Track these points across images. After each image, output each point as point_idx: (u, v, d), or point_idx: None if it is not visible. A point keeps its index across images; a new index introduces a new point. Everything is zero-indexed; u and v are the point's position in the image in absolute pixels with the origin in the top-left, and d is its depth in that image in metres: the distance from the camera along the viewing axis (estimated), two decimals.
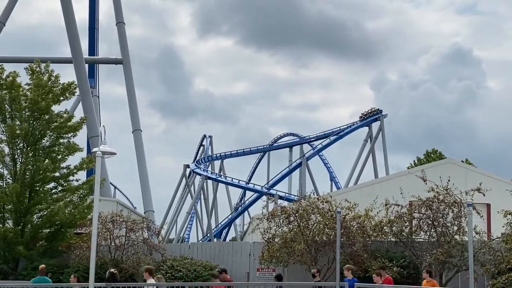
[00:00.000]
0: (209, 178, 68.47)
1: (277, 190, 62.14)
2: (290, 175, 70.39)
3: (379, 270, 19.56)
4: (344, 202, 25.52)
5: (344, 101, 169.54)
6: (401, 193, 25.54)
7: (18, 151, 27.10)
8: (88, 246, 23.99)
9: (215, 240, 63.69)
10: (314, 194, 28.62)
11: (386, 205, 25.27)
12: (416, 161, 64.13)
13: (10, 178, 27.07)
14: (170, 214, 71.51)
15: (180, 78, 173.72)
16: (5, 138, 27.15)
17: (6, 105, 27.18)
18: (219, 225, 72.75)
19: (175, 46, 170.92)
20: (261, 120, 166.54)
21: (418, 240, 24.87)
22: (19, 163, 27.03)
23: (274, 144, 75.87)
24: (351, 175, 67.70)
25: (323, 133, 69.75)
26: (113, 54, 59.58)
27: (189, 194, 72.14)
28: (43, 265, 20.92)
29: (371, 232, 25.23)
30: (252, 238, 29.56)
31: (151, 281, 18.43)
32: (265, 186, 66.15)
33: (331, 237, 24.25)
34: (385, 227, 25.13)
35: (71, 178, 28.20)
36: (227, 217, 73.49)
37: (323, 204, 25.75)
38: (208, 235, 67.98)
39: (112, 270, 19.17)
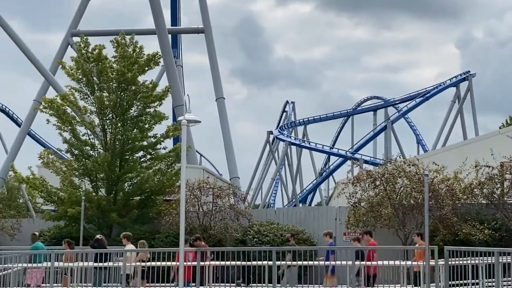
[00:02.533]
0: (293, 144, 68.47)
1: (362, 155, 61.43)
2: (375, 139, 69.36)
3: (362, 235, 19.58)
4: (431, 165, 24.97)
5: (428, 62, 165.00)
6: (492, 154, 24.75)
7: (108, 121, 27.94)
8: (177, 212, 24.60)
9: (300, 205, 63.92)
10: (400, 158, 28.16)
11: (476, 166, 24.60)
12: (508, 121, 61.68)
13: (101, 148, 27.99)
14: (255, 180, 72.12)
15: (260, 45, 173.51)
16: (95, 109, 28.03)
17: (94, 77, 28.00)
18: (304, 191, 72.86)
19: (254, 13, 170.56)
20: (342, 84, 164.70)
21: (510, 202, 24.11)
22: (109, 133, 27.88)
23: (358, 108, 74.88)
24: (438, 137, 66.03)
25: (408, 95, 68.17)
26: (194, 23, 59.98)
27: (273, 160, 72.45)
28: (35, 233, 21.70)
29: (460, 194, 24.65)
30: (338, 202, 29.48)
31: (130, 246, 19.05)
32: (350, 150, 65.55)
33: (419, 201, 23.85)
34: (475, 189, 24.48)
35: (158, 146, 28.92)
36: (312, 182, 73.44)
37: (409, 168, 25.30)
38: (293, 200, 68.26)
39: (98, 236, 20.05)
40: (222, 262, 18.86)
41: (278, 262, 17.48)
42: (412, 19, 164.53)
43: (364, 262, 17.49)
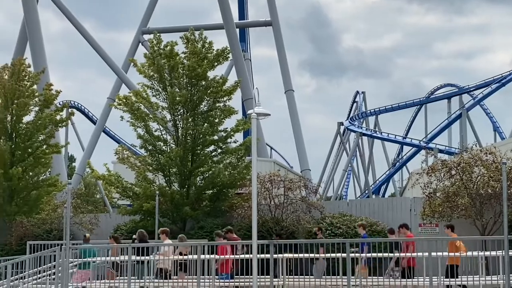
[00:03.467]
0: (364, 134, 67.64)
1: (436, 144, 60.10)
2: (449, 127, 67.73)
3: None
4: (509, 152, 24.14)
5: (502, 47, 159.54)
6: None
7: (179, 117, 28.34)
8: (249, 205, 24.73)
9: (373, 196, 63.17)
10: (476, 146, 27.36)
11: None
12: None
13: (173, 143, 28.43)
14: (327, 172, 71.70)
15: (328, 36, 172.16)
16: (167, 105, 28.47)
17: (166, 74, 28.42)
18: (377, 182, 71.92)
19: (321, 4, 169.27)
20: (414, 72, 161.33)
21: None
22: (180, 128, 28.28)
23: (431, 96, 73.25)
24: None
25: (483, 81, 66.12)
26: (261, 17, 60.06)
27: (344, 152, 71.84)
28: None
29: None
30: (412, 193, 28.94)
31: (168, 241, 19.12)
32: (423, 140, 64.26)
33: (497, 190, 23.12)
34: None
35: (228, 140, 29.14)
36: (385, 173, 72.39)
37: (486, 156, 24.56)
38: (366, 191, 67.50)
39: (139, 230, 20.29)
40: (295, 255, 18.79)
41: (352, 255, 17.24)
42: (484, 3, 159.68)
43: (392, 254, 17.24)
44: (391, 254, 17.25)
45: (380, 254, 17.08)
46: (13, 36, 51.92)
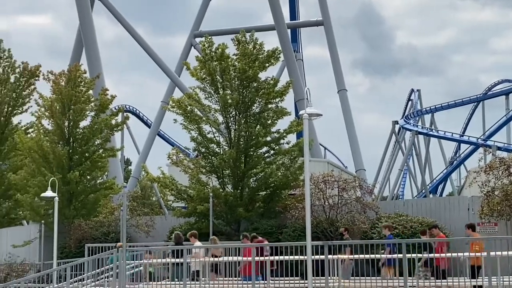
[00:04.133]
0: (420, 133, 66.54)
1: (494, 141, 58.68)
2: (508, 124, 66.09)
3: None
4: None
5: None
6: None
7: (231, 119, 28.43)
8: (302, 206, 24.58)
9: (430, 196, 62.09)
10: None
11: None
12: None
13: (226, 145, 28.54)
14: (382, 172, 70.82)
15: (381, 34, 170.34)
16: (219, 107, 28.61)
17: (217, 76, 28.56)
18: (434, 181, 70.70)
19: (372, 2, 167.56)
20: (470, 69, 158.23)
21: None
22: (233, 130, 28.37)
23: (488, 93, 71.58)
24: None
25: None
26: (313, 16, 59.83)
27: (399, 151, 70.86)
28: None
29: None
30: (470, 192, 28.27)
31: (197, 244, 19.12)
32: (481, 137, 62.82)
33: None
34: None
35: (281, 141, 29.08)
36: (442, 171, 71.13)
37: None
38: (423, 191, 66.40)
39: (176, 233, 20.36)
40: (345, 256, 18.62)
41: (408, 255, 16.95)
42: None
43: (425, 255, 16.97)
44: (418, 255, 16.99)
45: (408, 255, 16.84)
46: (69, 43, 53.14)
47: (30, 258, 30.28)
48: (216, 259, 18.73)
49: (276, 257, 18.82)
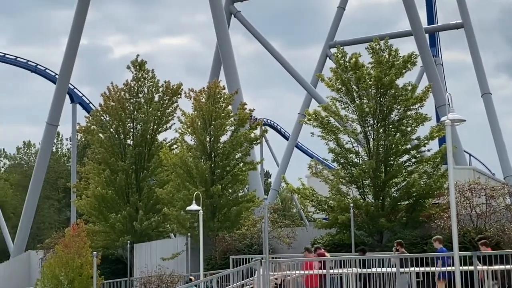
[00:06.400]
0: None
1: None
2: None
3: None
4: None
5: None
6: None
7: (369, 128, 28.05)
8: (448, 215, 23.71)
9: None
10: None
11: None
12: None
13: (365, 155, 28.17)
14: None
15: None
16: (356, 117, 28.33)
17: (353, 86, 28.33)
18: None
19: None
20: None
21: None
22: (371, 140, 27.97)
23: None
24: None
25: None
26: (451, 19, 57.98)
27: None
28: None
29: None
30: None
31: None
32: None
33: None
34: None
35: (422, 149, 28.28)
36: None
37: None
38: None
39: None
40: (501, 267, 17.63)
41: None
42: None
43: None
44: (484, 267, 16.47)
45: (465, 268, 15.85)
46: (208, 61, 55.01)
47: (178, 269, 31.43)
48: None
49: (422, 269, 18.28)
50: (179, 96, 38.14)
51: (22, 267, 46.43)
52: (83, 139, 65.58)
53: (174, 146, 37.24)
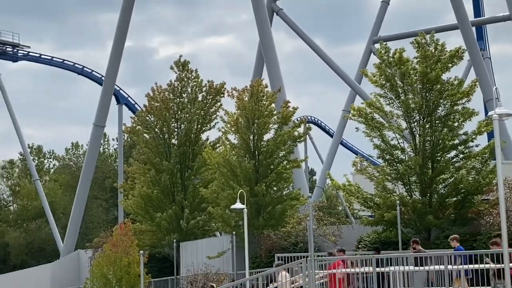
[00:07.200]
0: None
1: None
2: None
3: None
4: None
5: None
6: None
7: (415, 123, 27.65)
8: (497, 212, 23.25)
9: None
10: None
11: None
12: None
13: (411, 151, 27.78)
14: None
15: None
16: (401, 113, 27.95)
17: (397, 81, 27.95)
18: None
19: None
20: None
21: None
22: (417, 135, 27.56)
23: None
24: None
25: None
26: (499, 12, 56.73)
27: None
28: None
29: None
30: None
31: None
32: None
33: None
34: None
35: (470, 144, 27.74)
36: None
37: None
38: None
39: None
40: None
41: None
42: None
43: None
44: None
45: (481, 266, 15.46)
46: (251, 60, 55.06)
47: (224, 268, 31.54)
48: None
49: (471, 266, 17.98)
50: (222, 95, 38.26)
51: (72, 266, 47.26)
52: (129, 140, 66.48)
53: (218, 145, 37.39)
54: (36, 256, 69.00)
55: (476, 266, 16.47)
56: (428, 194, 27.11)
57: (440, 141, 27.12)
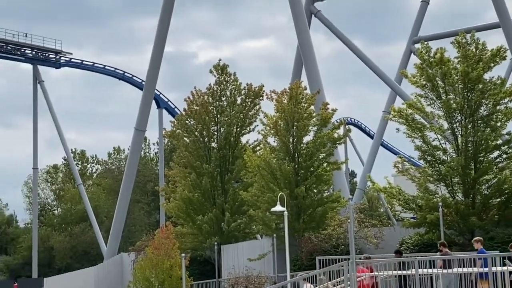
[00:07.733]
0: None
1: None
2: None
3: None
4: None
5: None
6: None
7: (457, 124, 27.32)
8: None
9: None
10: None
11: None
12: None
13: (453, 152, 27.44)
14: None
15: None
16: (443, 113, 27.64)
17: (438, 81, 27.64)
18: None
19: None
20: None
21: None
22: (459, 136, 27.22)
23: None
24: None
25: None
26: None
27: None
28: None
29: None
30: None
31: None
32: None
33: None
34: None
35: None
36: None
37: None
38: None
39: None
40: None
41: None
42: None
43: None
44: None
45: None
46: (289, 62, 54.96)
47: (265, 270, 31.57)
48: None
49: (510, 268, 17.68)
50: (261, 98, 38.32)
51: (115, 269, 47.83)
52: (169, 143, 67.04)
53: (258, 148, 37.44)
54: (80, 259, 70.04)
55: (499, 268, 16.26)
56: (471, 195, 26.74)
57: (483, 141, 26.74)
